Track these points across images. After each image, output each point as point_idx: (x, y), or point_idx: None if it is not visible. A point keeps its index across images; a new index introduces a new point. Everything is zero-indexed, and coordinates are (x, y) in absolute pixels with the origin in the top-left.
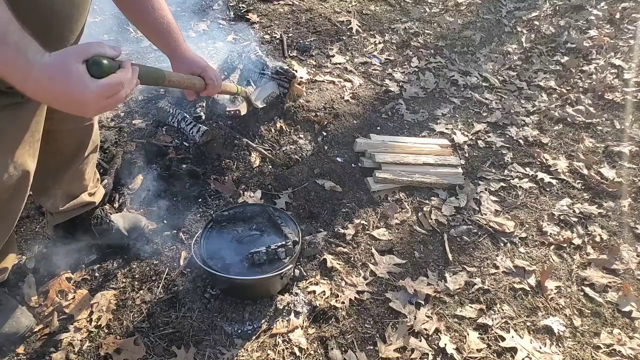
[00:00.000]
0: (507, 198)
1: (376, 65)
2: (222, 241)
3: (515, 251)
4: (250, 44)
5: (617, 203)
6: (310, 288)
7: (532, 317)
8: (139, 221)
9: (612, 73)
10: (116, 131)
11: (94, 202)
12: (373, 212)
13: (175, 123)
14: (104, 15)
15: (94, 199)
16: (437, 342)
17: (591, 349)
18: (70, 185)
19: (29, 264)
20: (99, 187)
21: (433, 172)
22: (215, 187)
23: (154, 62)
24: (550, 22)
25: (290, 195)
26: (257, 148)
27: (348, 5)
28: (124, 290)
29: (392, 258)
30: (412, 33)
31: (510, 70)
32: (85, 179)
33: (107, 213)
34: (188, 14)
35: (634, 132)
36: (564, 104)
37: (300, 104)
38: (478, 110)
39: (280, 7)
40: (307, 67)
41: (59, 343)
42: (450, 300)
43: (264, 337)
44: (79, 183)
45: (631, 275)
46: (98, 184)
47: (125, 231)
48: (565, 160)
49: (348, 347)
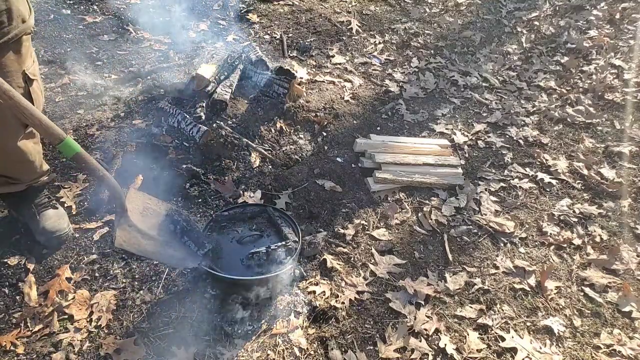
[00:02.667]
0: (507, 198)
1: (376, 66)
2: (222, 241)
3: (515, 251)
4: (250, 44)
5: (617, 203)
6: (310, 288)
7: (532, 317)
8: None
9: (612, 73)
10: (116, 131)
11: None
12: (373, 212)
13: (175, 123)
14: (104, 15)
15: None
16: (437, 342)
17: (591, 349)
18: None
19: (29, 264)
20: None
21: (433, 172)
22: (215, 187)
23: (154, 62)
24: (550, 23)
25: (290, 195)
26: (257, 148)
27: (348, 5)
28: (124, 290)
29: (392, 258)
30: (412, 33)
31: (510, 71)
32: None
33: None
34: (188, 14)
35: (634, 132)
36: (564, 104)
37: (300, 104)
38: (478, 111)
39: (280, 7)
40: (307, 67)
41: (59, 343)
42: (450, 300)
43: (264, 337)
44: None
45: (631, 275)
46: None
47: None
48: (565, 161)
49: (348, 347)
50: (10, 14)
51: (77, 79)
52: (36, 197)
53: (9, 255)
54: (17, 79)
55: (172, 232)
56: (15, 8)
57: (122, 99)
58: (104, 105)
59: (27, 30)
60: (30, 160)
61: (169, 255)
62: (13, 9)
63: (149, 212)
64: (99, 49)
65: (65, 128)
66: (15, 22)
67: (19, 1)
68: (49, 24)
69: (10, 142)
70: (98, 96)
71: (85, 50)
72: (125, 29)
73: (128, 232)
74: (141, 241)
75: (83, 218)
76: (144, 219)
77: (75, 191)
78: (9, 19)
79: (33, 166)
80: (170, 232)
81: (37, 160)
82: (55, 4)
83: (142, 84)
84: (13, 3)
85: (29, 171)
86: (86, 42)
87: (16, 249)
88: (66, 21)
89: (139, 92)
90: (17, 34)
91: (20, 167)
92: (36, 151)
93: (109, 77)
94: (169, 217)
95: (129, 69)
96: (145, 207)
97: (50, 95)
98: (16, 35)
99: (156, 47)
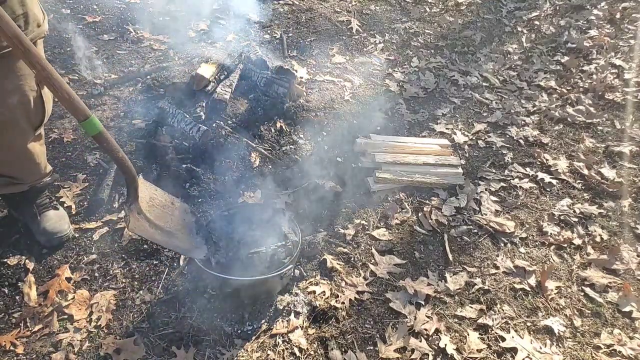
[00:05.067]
0: (507, 198)
1: (376, 65)
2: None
3: (515, 251)
4: (250, 43)
5: (618, 203)
6: (310, 288)
7: (533, 317)
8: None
9: (613, 73)
10: (116, 131)
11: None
12: (373, 212)
13: (175, 123)
14: (104, 15)
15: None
16: (437, 342)
17: (591, 349)
18: None
19: (29, 263)
20: None
21: (433, 172)
22: (215, 187)
23: (154, 62)
24: (551, 22)
25: (290, 195)
26: (257, 148)
27: (348, 5)
28: (123, 290)
29: (392, 258)
30: (412, 33)
31: (510, 70)
32: None
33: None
34: (188, 14)
35: (635, 132)
36: (565, 104)
37: (300, 104)
38: (478, 110)
39: (280, 7)
40: (307, 67)
41: (59, 343)
42: (450, 300)
43: (264, 337)
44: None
45: (631, 275)
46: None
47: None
48: (565, 161)
49: (348, 347)
50: (27, 18)
51: (76, 78)
52: (37, 198)
53: (8, 255)
54: (30, 82)
55: (180, 225)
56: (31, 13)
57: (122, 99)
58: (103, 105)
59: (41, 34)
60: (37, 162)
61: (175, 246)
62: (30, 14)
63: (155, 202)
64: (99, 49)
65: (65, 128)
66: (31, 26)
67: (35, 6)
68: (49, 23)
69: (20, 144)
70: (98, 96)
71: (85, 50)
72: (125, 28)
73: (138, 219)
74: (149, 229)
75: (83, 218)
76: (151, 208)
77: (75, 191)
78: (26, 23)
79: (39, 167)
80: (178, 224)
81: (42, 161)
82: (55, 3)
83: (142, 84)
84: (29, 8)
85: (34, 172)
86: (86, 41)
87: (16, 248)
88: (66, 21)
89: (138, 92)
90: (33, 38)
91: (27, 168)
92: (42, 153)
93: (108, 77)
94: (183, 212)
95: (128, 69)
96: (151, 197)
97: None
98: (32, 39)
99: (156, 47)
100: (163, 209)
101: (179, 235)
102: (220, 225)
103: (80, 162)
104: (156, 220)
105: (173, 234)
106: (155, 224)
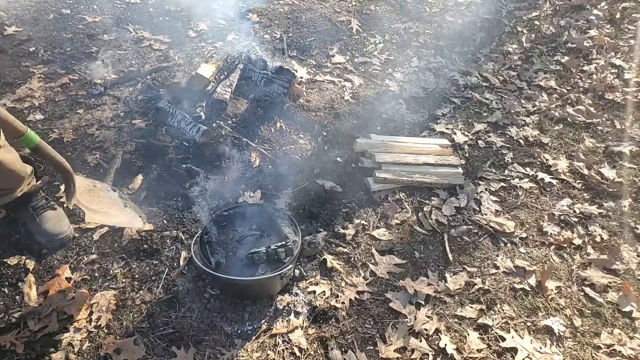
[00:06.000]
0: (507, 198)
1: (376, 65)
2: (223, 241)
3: (515, 251)
4: (250, 43)
5: (618, 203)
6: (310, 288)
7: (533, 317)
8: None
9: (613, 73)
10: (116, 131)
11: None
12: (373, 212)
13: (175, 123)
14: (103, 15)
15: None
16: (437, 342)
17: (591, 349)
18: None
19: (29, 263)
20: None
21: (433, 172)
22: (215, 187)
23: (154, 62)
24: (551, 22)
25: (290, 195)
26: (257, 148)
27: (348, 5)
28: (123, 290)
29: (392, 258)
30: (412, 33)
31: (510, 70)
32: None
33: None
34: (188, 14)
35: (635, 132)
36: (564, 104)
37: (300, 104)
38: (478, 110)
39: (280, 7)
40: (307, 67)
41: (59, 343)
42: (450, 300)
43: (264, 337)
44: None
45: (631, 275)
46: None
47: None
48: (565, 160)
49: (348, 347)
50: None
51: (76, 78)
52: (31, 201)
53: (8, 255)
54: None
55: (109, 203)
56: None
57: (122, 99)
58: (103, 105)
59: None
60: (9, 169)
61: (116, 222)
62: None
63: (80, 189)
64: (99, 49)
65: (65, 127)
66: None
67: None
68: (49, 23)
69: None
70: (98, 96)
71: (85, 49)
72: (125, 28)
73: (89, 209)
74: (97, 216)
75: (83, 218)
76: (81, 196)
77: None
78: None
79: (15, 174)
80: (108, 203)
81: (17, 167)
82: (55, 3)
83: (142, 84)
84: None
85: (13, 180)
86: (86, 41)
87: (16, 248)
88: (66, 21)
89: (139, 92)
90: None
91: (3, 177)
92: (12, 159)
93: (108, 77)
94: (106, 191)
95: (128, 69)
96: (90, 189)
97: (50, 95)
98: None
99: (156, 47)
100: (90, 194)
101: (113, 212)
102: (220, 226)
103: (80, 162)
104: (90, 205)
105: (109, 213)
106: (92, 209)
